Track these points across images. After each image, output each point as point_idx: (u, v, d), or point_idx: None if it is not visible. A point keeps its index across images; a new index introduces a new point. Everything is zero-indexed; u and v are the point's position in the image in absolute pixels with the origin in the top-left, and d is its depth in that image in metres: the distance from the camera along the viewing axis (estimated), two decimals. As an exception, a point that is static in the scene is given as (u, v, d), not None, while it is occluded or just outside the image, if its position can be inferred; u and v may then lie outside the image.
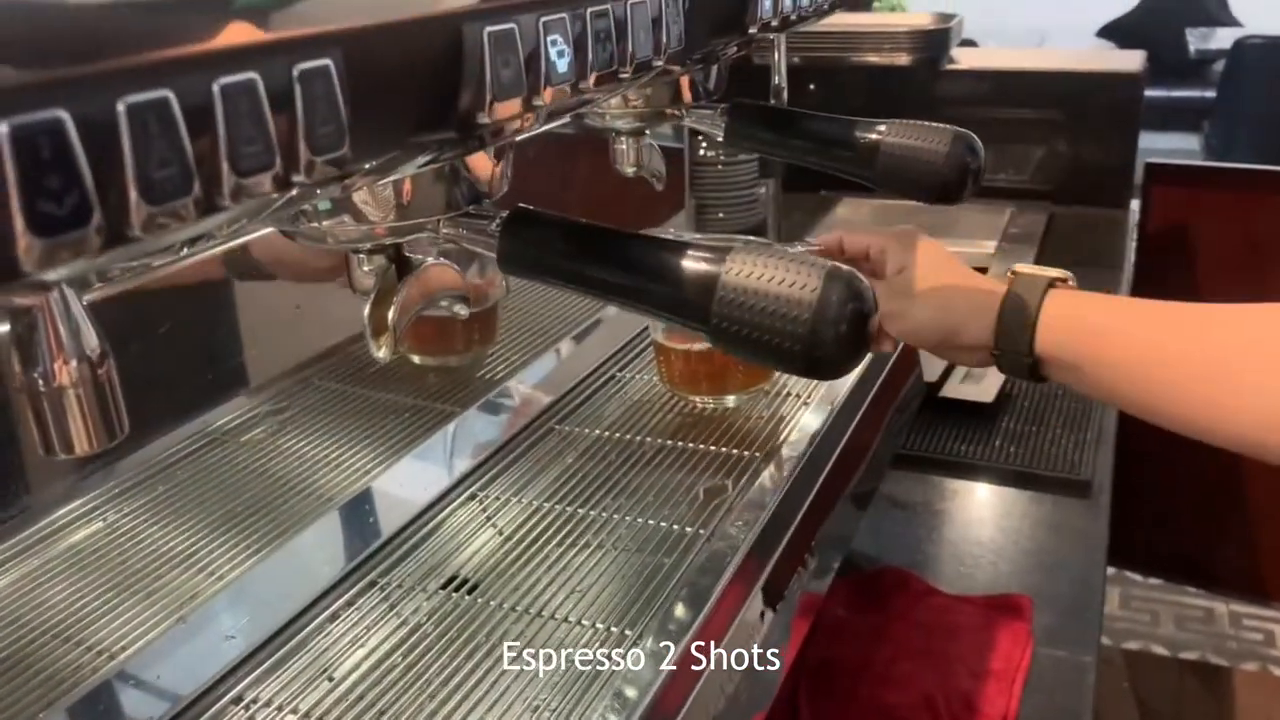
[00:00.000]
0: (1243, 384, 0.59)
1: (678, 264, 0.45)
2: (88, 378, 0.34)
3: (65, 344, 0.34)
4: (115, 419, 0.35)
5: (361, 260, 0.51)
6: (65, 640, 0.58)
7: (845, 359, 0.44)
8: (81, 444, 0.35)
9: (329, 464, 0.76)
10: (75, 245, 0.23)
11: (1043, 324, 0.65)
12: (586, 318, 1.04)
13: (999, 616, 0.89)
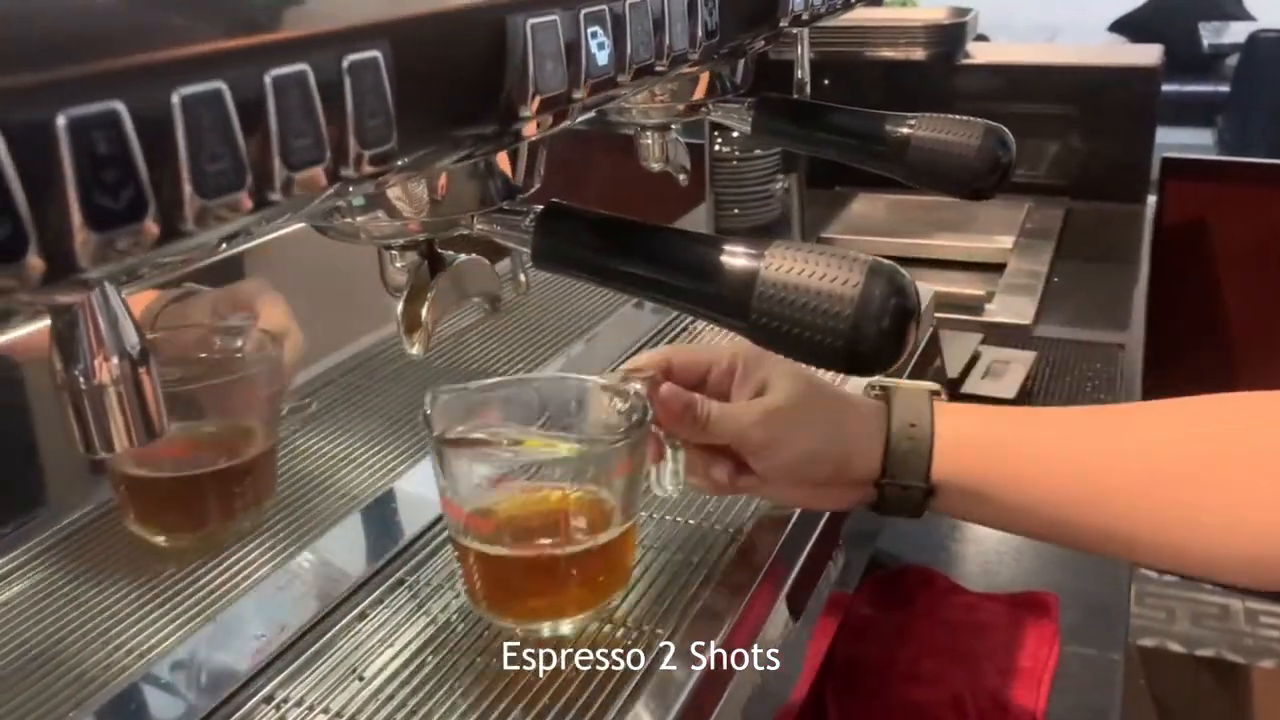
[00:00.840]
0: (1230, 489, 0.50)
1: (716, 259, 0.45)
2: (128, 375, 0.34)
3: (106, 341, 0.34)
4: (155, 417, 0.35)
5: (394, 257, 0.50)
6: (94, 639, 0.58)
7: (887, 355, 0.44)
8: (121, 441, 0.34)
9: (354, 462, 0.76)
10: (130, 239, 0.23)
11: (940, 443, 0.56)
12: (604, 312, 1.04)
13: (1025, 614, 0.88)
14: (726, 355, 0.61)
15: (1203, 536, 0.50)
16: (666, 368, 0.60)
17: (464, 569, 0.57)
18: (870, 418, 0.58)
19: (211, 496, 0.64)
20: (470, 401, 0.59)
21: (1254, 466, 0.50)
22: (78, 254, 0.22)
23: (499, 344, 0.96)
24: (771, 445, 0.58)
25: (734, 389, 0.60)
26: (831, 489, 0.60)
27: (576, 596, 0.56)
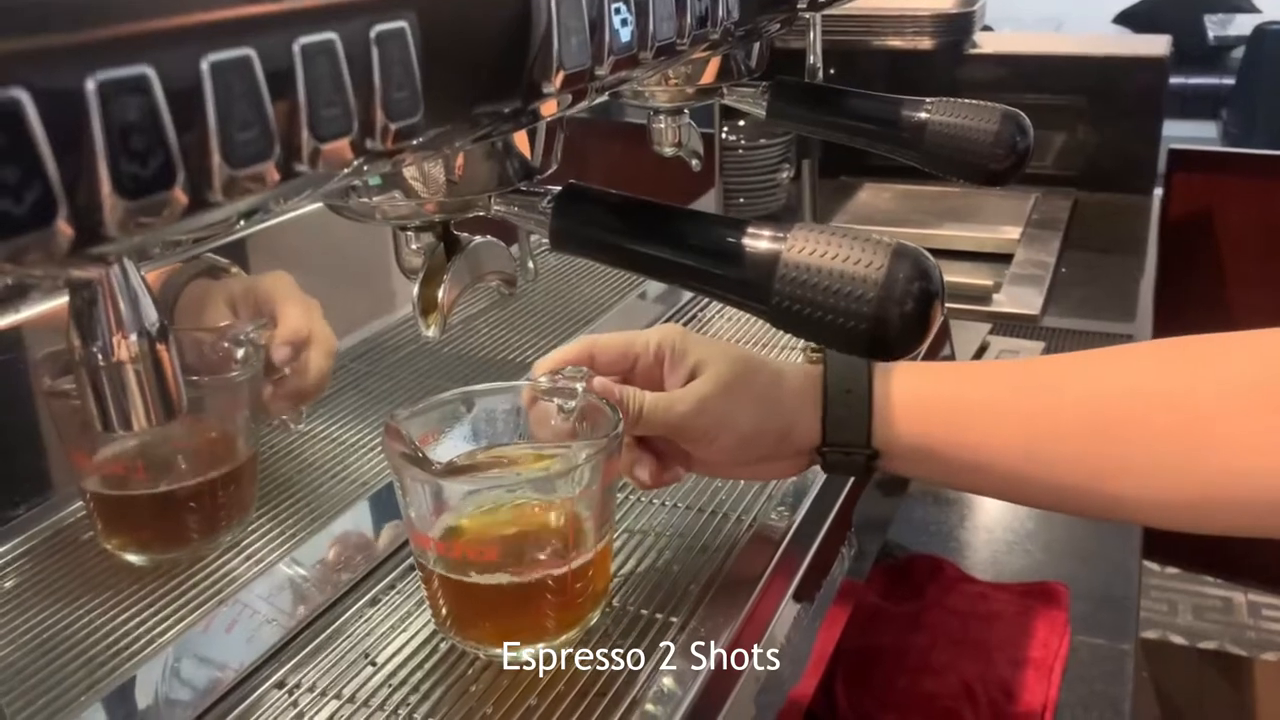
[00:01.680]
0: (1213, 433, 0.49)
1: (738, 242, 0.44)
2: (147, 353, 0.33)
3: (125, 318, 0.33)
4: (174, 395, 0.35)
5: (409, 238, 0.50)
6: (102, 624, 0.57)
7: (911, 339, 0.43)
8: (139, 421, 0.34)
9: (364, 447, 0.75)
10: (158, 208, 0.22)
11: (879, 405, 0.55)
12: (611, 299, 1.03)
13: (1035, 604, 0.88)
14: (653, 341, 0.58)
15: (1134, 484, 0.50)
16: (589, 360, 0.58)
17: (429, 594, 0.55)
18: (806, 386, 0.57)
19: (188, 512, 0.61)
20: (431, 420, 0.56)
21: (1191, 409, 0.50)
22: (106, 221, 0.21)
23: (508, 331, 0.96)
24: (711, 432, 0.56)
25: (665, 376, 0.58)
26: (775, 461, 0.59)
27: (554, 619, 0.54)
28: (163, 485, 0.60)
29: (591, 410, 0.57)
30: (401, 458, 0.50)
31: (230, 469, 0.62)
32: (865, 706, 0.77)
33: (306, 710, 0.53)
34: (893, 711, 0.77)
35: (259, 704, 0.53)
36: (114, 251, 0.25)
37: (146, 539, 0.61)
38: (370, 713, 0.52)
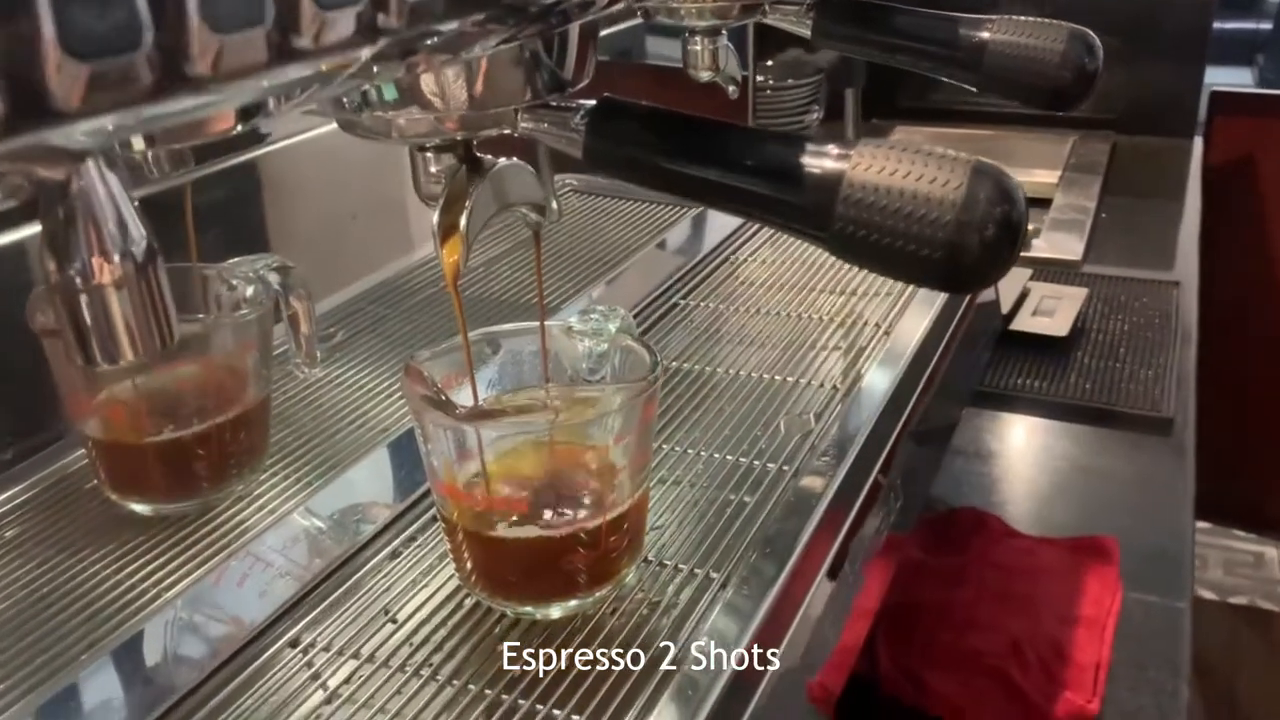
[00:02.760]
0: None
1: (794, 160, 0.40)
2: (132, 275, 0.29)
3: (106, 236, 0.29)
4: (165, 324, 0.30)
5: (428, 160, 0.45)
6: (106, 578, 0.54)
7: (991, 270, 0.38)
8: (126, 351, 0.30)
9: (382, 392, 0.71)
10: (121, 79, 0.18)
11: None
12: (638, 241, 0.98)
13: (1085, 559, 0.84)
14: None
15: None
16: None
17: (452, 547, 0.52)
18: None
19: (195, 460, 0.57)
20: (455, 362, 0.52)
21: None
22: (52, 88, 0.17)
23: (531, 274, 0.91)
24: None
25: None
26: None
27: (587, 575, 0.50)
28: (168, 431, 0.56)
29: (626, 351, 0.53)
30: (423, 401, 0.46)
31: (240, 413, 0.59)
32: (908, 664, 0.74)
33: (322, 670, 0.49)
34: (937, 669, 0.73)
35: (271, 664, 0.50)
36: (74, 138, 0.20)
37: (152, 488, 0.58)
38: (390, 673, 0.49)
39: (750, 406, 0.69)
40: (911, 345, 0.75)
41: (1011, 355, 1.14)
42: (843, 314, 0.82)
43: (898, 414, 0.69)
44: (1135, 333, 1.21)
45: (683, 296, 0.87)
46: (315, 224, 0.84)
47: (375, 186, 0.88)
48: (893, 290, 0.85)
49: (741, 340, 0.79)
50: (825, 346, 0.77)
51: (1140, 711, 0.71)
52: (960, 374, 0.84)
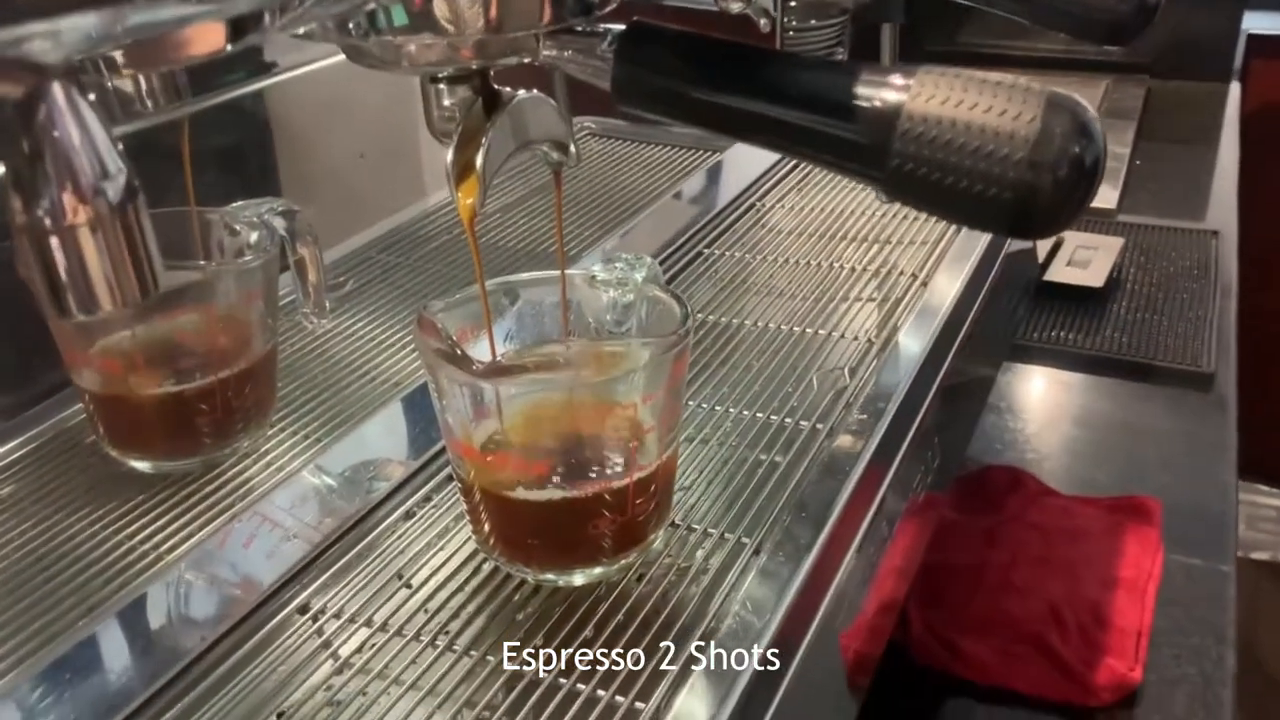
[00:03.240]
0: None
1: (846, 89, 0.36)
2: (108, 214, 0.26)
3: (78, 170, 0.26)
4: (147, 269, 0.27)
5: (441, 93, 0.41)
6: (105, 538, 0.51)
7: (1065, 213, 0.35)
8: (104, 301, 0.27)
9: (394, 345, 0.68)
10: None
11: None
12: (659, 188, 0.95)
13: (1125, 520, 0.81)
14: None
15: None
16: None
17: (469, 509, 0.49)
18: None
19: (198, 415, 0.54)
20: (471, 312, 0.48)
21: None
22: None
23: (548, 220, 0.88)
24: None
25: None
26: None
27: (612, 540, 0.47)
28: (168, 385, 0.53)
29: (654, 302, 0.49)
30: (436, 355, 0.43)
31: (245, 367, 0.55)
32: (940, 629, 0.71)
33: (333, 638, 0.47)
34: (971, 634, 0.70)
35: (279, 631, 0.47)
36: (36, 43, 0.17)
37: (153, 444, 0.55)
38: (405, 642, 0.46)
39: (780, 361, 0.66)
40: (950, 296, 0.72)
41: (1045, 307, 1.10)
42: (876, 264, 0.78)
43: (936, 368, 0.66)
44: (1173, 284, 1.16)
45: (707, 245, 0.83)
46: (323, 165, 0.80)
47: (387, 124, 0.84)
48: (928, 239, 0.81)
49: (769, 291, 0.75)
50: (858, 298, 0.73)
51: (1183, 680, 0.68)
52: (999, 326, 0.80)
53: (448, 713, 0.43)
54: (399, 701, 0.43)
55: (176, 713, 0.43)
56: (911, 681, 0.69)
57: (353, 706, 0.43)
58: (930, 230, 0.82)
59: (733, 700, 0.42)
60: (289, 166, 0.77)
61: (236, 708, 0.43)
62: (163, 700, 0.44)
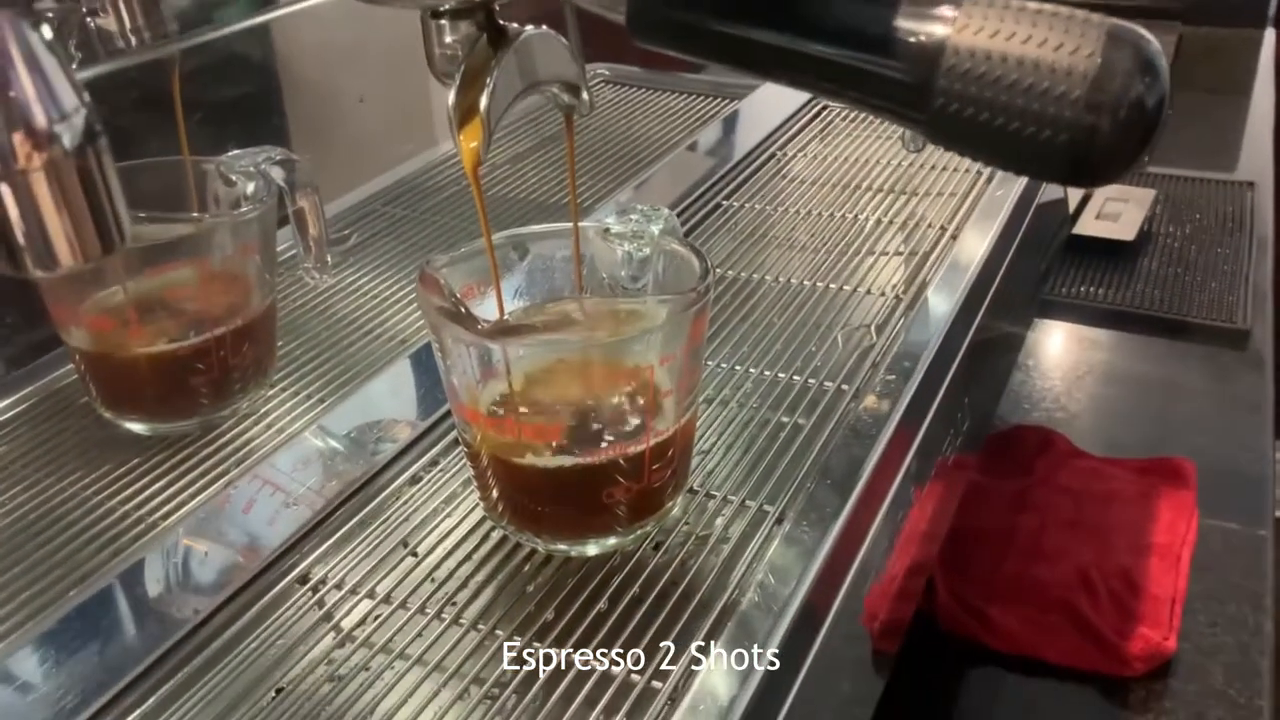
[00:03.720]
0: None
1: (885, 21, 0.32)
2: (65, 158, 0.23)
3: (34, 107, 0.23)
4: (112, 219, 0.24)
5: (444, 29, 0.38)
6: (99, 504, 0.49)
7: (1126, 158, 0.32)
8: (64, 255, 0.24)
9: (400, 301, 0.66)
10: None
11: None
12: (675, 136, 0.91)
13: (1158, 483, 0.78)
14: None
15: None
16: None
17: (476, 474, 0.46)
18: None
19: (194, 374, 0.52)
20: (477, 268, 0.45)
21: None
22: None
23: (560, 171, 0.84)
24: None
25: None
26: None
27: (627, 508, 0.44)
28: (162, 343, 0.51)
29: (671, 256, 0.46)
30: (440, 314, 0.40)
31: (242, 324, 0.53)
32: (967, 595, 0.68)
33: (334, 610, 0.45)
34: (998, 602, 0.68)
35: (279, 602, 0.45)
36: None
37: (148, 405, 0.52)
38: (409, 615, 0.44)
39: (803, 318, 0.63)
40: (981, 250, 0.68)
41: (1075, 261, 1.06)
42: (902, 216, 0.75)
43: (967, 326, 0.63)
44: (1206, 237, 1.12)
45: (725, 197, 0.80)
46: (325, 111, 0.77)
47: (392, 66, 0.81)
48: (957, 190, 0.78)
49: (791, 245, 0.72)
50: (884, 252, 0.70)
51: (1220, 649, 0.66)
52: (1029, 281, 0.77)
53: (454, 690, 0.41)
54: (404, 677, 0.41)
55: (170, 688, 0.41)
56: (936, 650, 0.66)
57: (355, 682, 0.41)
58: (959, 181, 0.79)
59: (755, 679, 0.40)
60: (288, 112, 0.74)
61: (233, 683, 0.41)
62: (156, 675, 0.41)
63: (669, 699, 0.39)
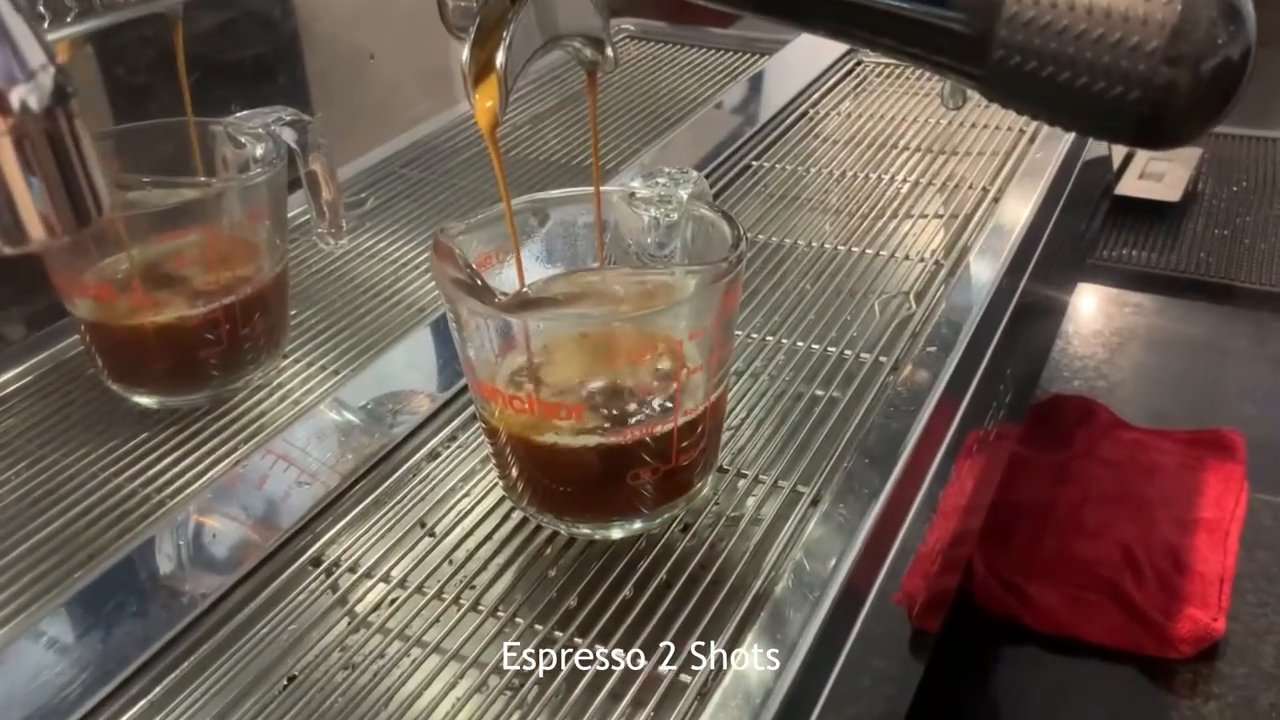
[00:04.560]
0: None
1: (940, -34, 0.30)
2: (31, 122, 0.21)
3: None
4: (87, 189, 0.22)
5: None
6: (106, 479, 0.47)
7: (1204, 118, 0.29)
8: (35, 230, 0.22)
9: (419, 266, 0.63)
10: None
11: None
12: (700, 92, 0.88)
13: (1206, 455, 0.75)
14: None
15: None
16: None
17: (495, 453, 0.44)
18: None
19: (204, 345, 0.50)
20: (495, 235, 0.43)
21: None
22: None
23: (584, 131, 0.82)
24: None
25: None
26: None
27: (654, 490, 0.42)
28: (169, 313, 0.49)
29: (700, 222, 0.44)
30: (455, 285, 0.38)
31: (253, 292, 0.51)
32: (1005, 572, 0.66)
33: (349, 594, 0.43)
34: (1038, 580, 0.65)
35: (291, 585, 0.43)
36: None
37: (156, 378, 0.51)
38: (426, 600, 0.42)
39: (838, 286, 0.60)
40: (1025, 212, 0.65)
41: (1118, 223, 1.03)
42: (941, 177, 0.71)
43: (1011, 293, 0.60)
44: (1254, 198, 1.08)
45: (755, 157, 0.77)
46: (340, 69, 0.75)
47: (411, 22, 0.78)
48: (999, 149, 0.74)
49: (824, 208, 0.69)
50: (923, 214, 0.67)
51: (1271, 630, 0.63)
52: (1074, 245, 0.74)
53: (473, 680, 0.39)
54: (420, 665, 0.39)
55: (177, 676, 0.40)
56: (972, 628, 0.64)
57: (369, 670, 0.39)
58: (1001, 139, 0.75)
59: (790, 672, 0.37)
60: (300, 70, 0.71)
61: (243, 670, 0.40)
62: (163, 662, 0.40)
63: (699, 694, 0.37)
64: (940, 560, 0.52)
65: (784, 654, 0.38)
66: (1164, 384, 0.84)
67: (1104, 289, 0.96)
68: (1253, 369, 0.85)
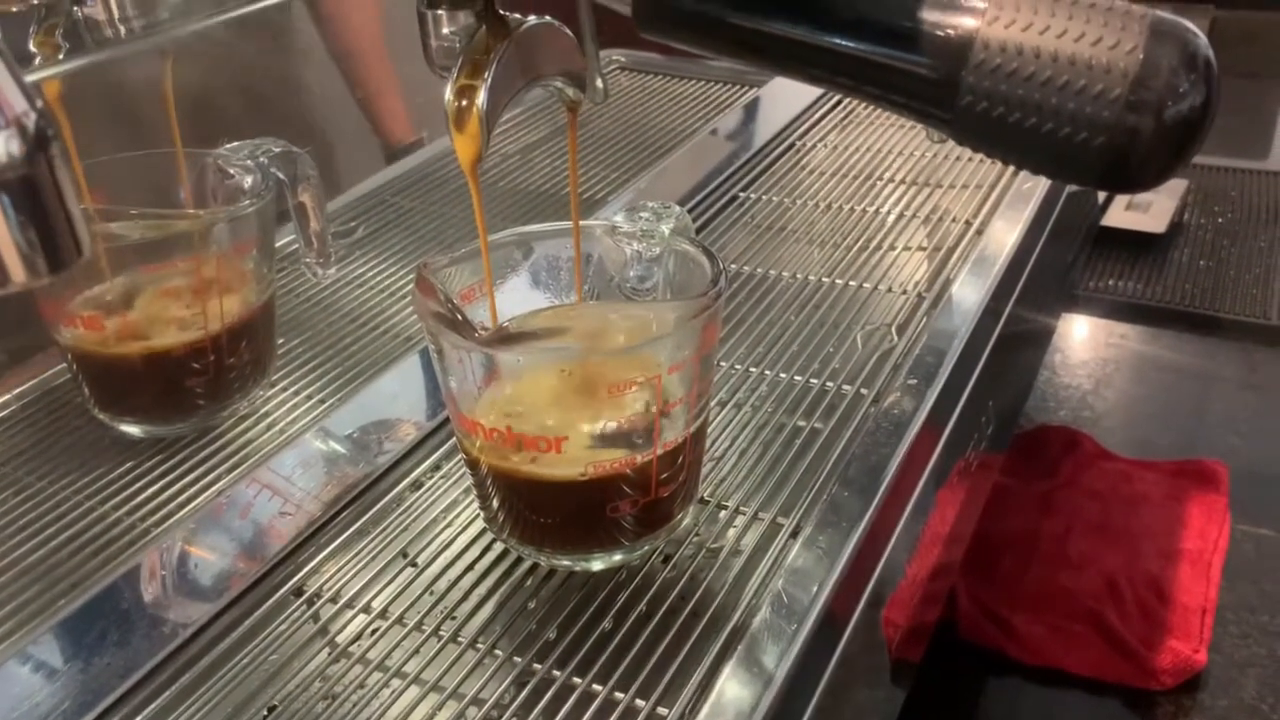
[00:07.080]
0: None
1: (908, 11, 0.30)
2: (18, 161, 0.21)
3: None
4: (68, 231, 0.23)
5: (441, 20, 0.36)
6: (90, 509, 0.48)
7: (1166, 164, 0.29)
8: (15, 272, 0.22)
9: (406, 296, 0.64)
10: None
11: None
12: (691, 124, 0.89)
13: (1189, 486, 0.76)
14: None
15: None
16: None
17: (475, 484, 0.44)
18: None
19: (190, 374, 0.50)
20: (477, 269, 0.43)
21: None
22: None
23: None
24: None
25: None
26: None
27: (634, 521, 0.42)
28: (155, 342, 0.49)
29: (681, 257, 0.44)
30: (436, 319, 0.38)
31: (239, 322, 0.51)
32: (989, 603, 0.66)
33: (330, 625, 0.43)
34: (1022, 611, 0.66)
35: (273, 615, 0.43)
36: None
37: (142, 407, 0.51)
38: (407, 630, 0.42)
39: (821, 317, 0.61)
40: (1008, 245, 0.66)
41: (1103, 254, 1.04)
42: (925, 209, 0.72)
43: (993, 326, 0.60)
44: (1240, 229, 1.09)
45: (742, 189, 0.77)
46: (329, 100, 0.75)
47: (400, 53, 0.79)
48: (982, 182, 0.75)
49: (809, 239, 0.70)
50: (906, 247, 0.68)
51: (1252, 662, 0.63)
52: (1058, 277, 0.74)
53: (452, 710, 0.39)
54: (400, 696, 0.40)
55: (159, 705, 0.40)
56: (956, 659, 0.64)
57: (350, 700, 0.40)
58: (985, 172, 0.76)
59: (767, 703, 0.38)
60: (289, 103, 0.72)
61: (223, 700, 0.40)
62: (143, 693, 0.40)
63: (675, 726, 0.37)
64: (921, 591, 0.52)
65: (762, 686, 0.38)
66: (1149, 414, 0.85)
67: (1090, 319, 0.96)
68: (1237, 399, 0.86)
